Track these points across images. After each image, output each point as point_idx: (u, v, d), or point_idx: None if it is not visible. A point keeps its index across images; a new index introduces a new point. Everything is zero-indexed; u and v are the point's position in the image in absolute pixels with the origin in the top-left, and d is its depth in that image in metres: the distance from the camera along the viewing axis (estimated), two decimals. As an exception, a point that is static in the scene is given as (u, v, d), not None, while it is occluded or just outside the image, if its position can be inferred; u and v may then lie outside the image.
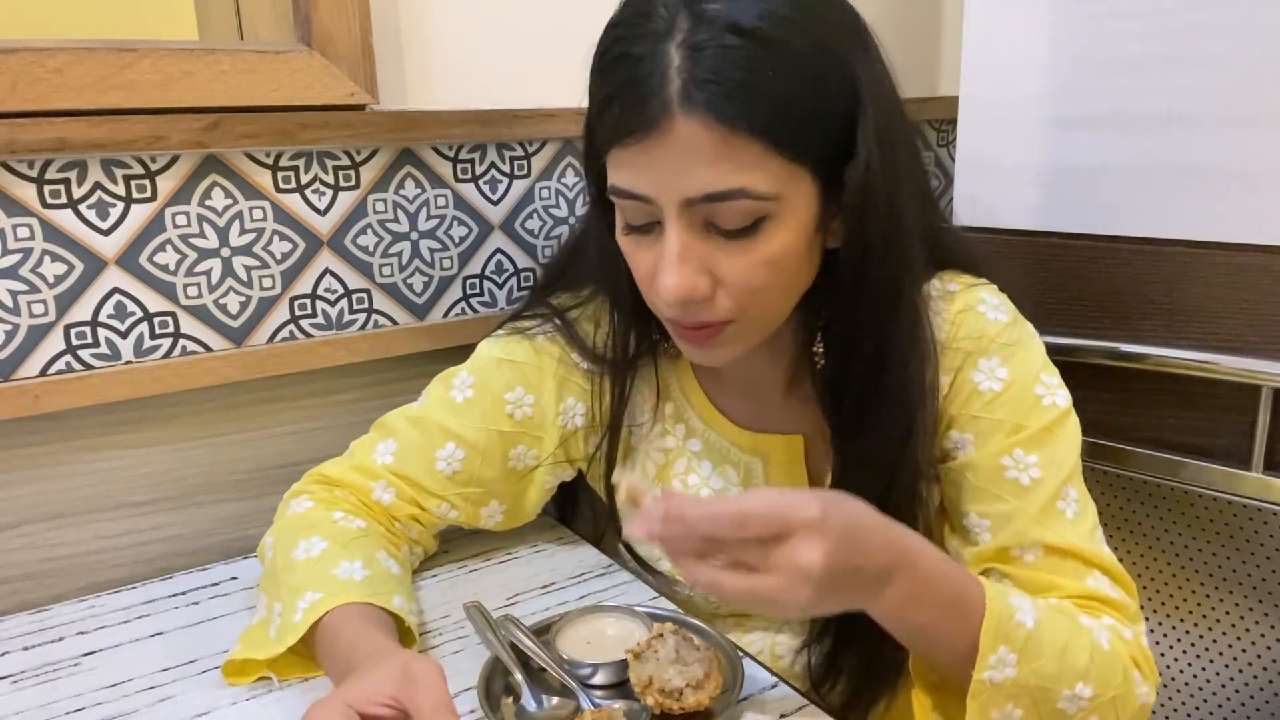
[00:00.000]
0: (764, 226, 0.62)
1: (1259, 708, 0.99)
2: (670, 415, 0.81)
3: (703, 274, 0.63)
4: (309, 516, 0.75)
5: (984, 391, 0.70)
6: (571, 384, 0.79)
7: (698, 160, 0.59)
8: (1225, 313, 0.96)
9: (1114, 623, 0.65)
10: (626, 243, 0.67)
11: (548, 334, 0.80)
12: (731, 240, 0.62)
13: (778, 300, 0.67)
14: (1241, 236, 0.93)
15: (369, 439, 0.80)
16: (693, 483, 0.79)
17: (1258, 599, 0.97)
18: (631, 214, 0.65)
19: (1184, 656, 1.03)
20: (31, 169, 0.77)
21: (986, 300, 0.73)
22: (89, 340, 0.82)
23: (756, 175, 0.60)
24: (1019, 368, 0.70)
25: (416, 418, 0.79)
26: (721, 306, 0.64)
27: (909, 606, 0.58)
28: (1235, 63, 0.90)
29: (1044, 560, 0.67)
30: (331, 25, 0.86)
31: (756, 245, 0.62)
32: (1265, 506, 0.95)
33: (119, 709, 0.66)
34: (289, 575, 0.69)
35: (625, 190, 0.63)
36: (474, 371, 0.80)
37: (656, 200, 0.62)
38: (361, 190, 0.92)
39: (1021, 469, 0.68)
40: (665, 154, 0.60)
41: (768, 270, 0.63)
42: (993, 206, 1.10)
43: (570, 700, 0.64)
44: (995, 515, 0.69)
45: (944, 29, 1.38)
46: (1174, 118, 0.94)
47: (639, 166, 0.62)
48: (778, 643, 0.80)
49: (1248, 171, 0.91)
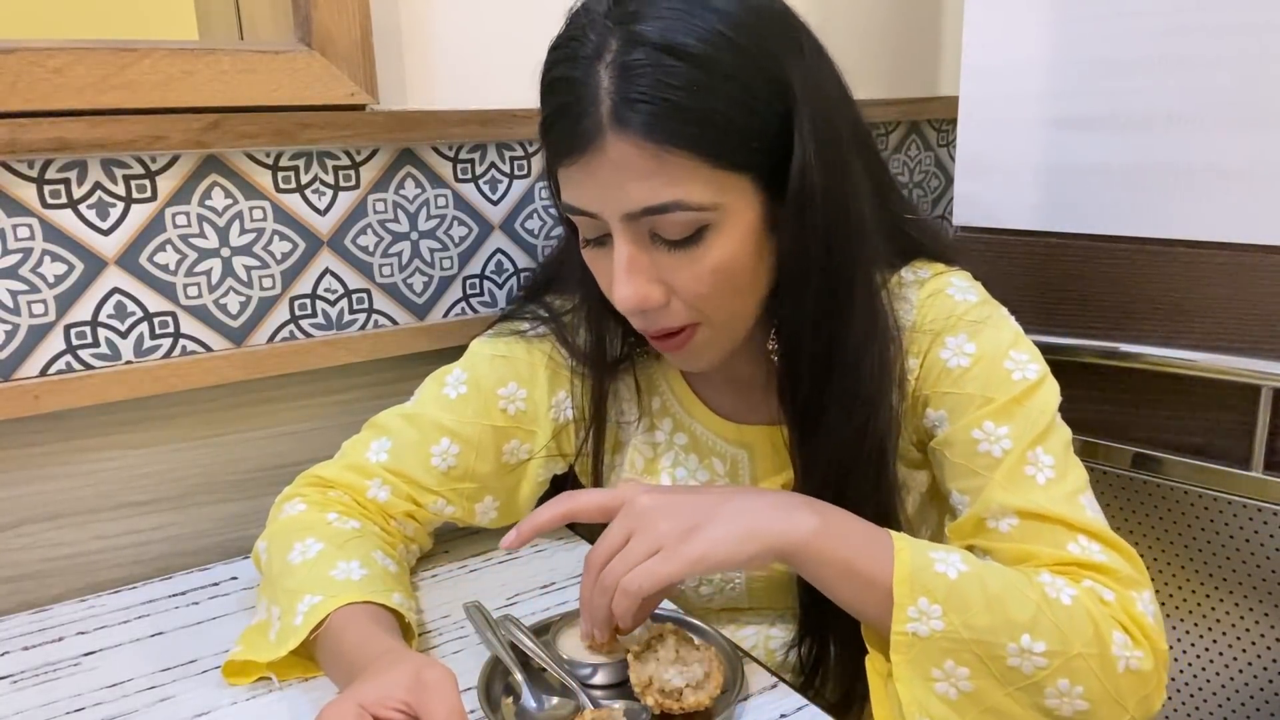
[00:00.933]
0: (706, 236, 0.64)
1: (1259, 708, 0.99)
2: (658, 410, 0.82)
3: (655, 283, 0.65)
4: (303, 519, 0.75)
5: (953, 368, 0.70)
6: (562, 378, 0.81)
7: (632, 176, 0.61)
8: (1225, 313, 0.96)
9: (1093, 585, 0.62)
10: (587, 254, 0.70)
11: (539, 332, 0.81)
12: (677, 250, 0.64)
13: (736, 303, 0.68)
14: (1241, 236, 0.93)
15: (362, 438, 0.80)
16: (680, 476, 0.81)
17: (1258, 599, 0.97)
18: (585, 228, 0.68)
19: (1184, 656, 1.03)
20: (31, 169, 0.77)
21: (955, 284, 0.74)
22: (89, 340, 0.82)
23: (691, 188, 0.62)
24: (987, 343, 0.70)
25: (411, 415, 0.79)
26: (678, 313, 0.67)
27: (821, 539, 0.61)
28: (1235, 63, 0.90)
29: (1021, 527, 0.66)
30: (331, 25, 0.86)
31: (702, 254, 0.64)
32: (1265, 506, 0.95)
33: (119, 709, 0.66)
34: (286, 579, 0.69)
35: (572, 206, 0.66)
36: (467, 368, 0.81)
37: (601, 215, 0.64)
38: (361, 190, 0.92)
39: (993, 441, 0.68)
40: (601, 172, 0.62)
41: (715, 277, 0.65)
42: (993, 206, 1.10)
43: (570, 700, 0.64)
44: (971, 489, 0.69)
45: (944, 29, 1.38)
46: (1174, 118, 0.94)
47: (581, 184, 0.64)
48: (771, 636, 0.80)
49: (1248, 171, 0.91)
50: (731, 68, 0.61)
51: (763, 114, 0.63)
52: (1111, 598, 0.62)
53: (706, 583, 0.81)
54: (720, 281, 0.65)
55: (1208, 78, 0.91)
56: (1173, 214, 0.97)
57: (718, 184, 0.62)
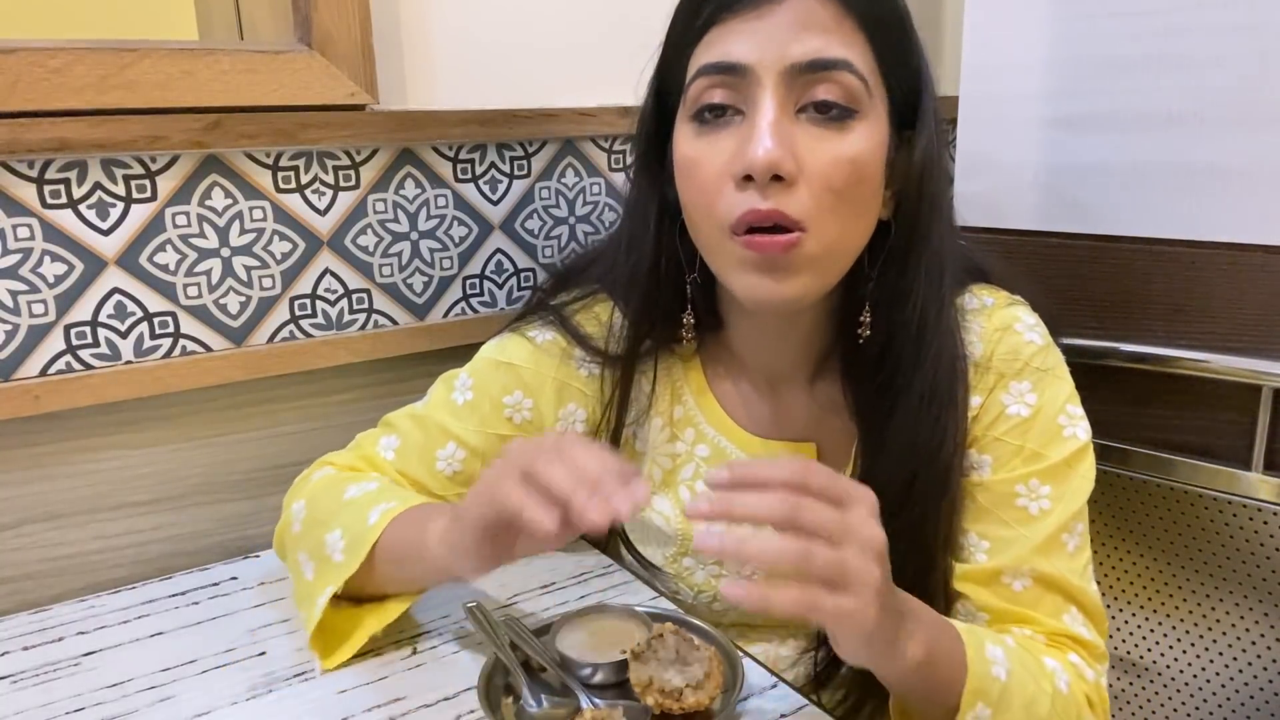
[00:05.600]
0: (853, 123, 0.62)
1: (1259, 708, 0.99)
2: (679, 419, 0.79)
3: (790, 154, 0.61)
4: (343, 474, 0.76)
5: (1011, 415, 0.69)
6: (572, 389, 0.78)
7: (808, 27, 0.61)
8: (1225, 313, 0.96)
9: (1078, 661, 0.66)
10: (694, 145, 0.65)
11: (549, 337, 0.78)
12: (821, 127, 0.62)
13: (849, 222, 0.64)
14: (1241, 236, 0.93)
15: (374, 433, 0.80)
16: (700, 489, 0.78)
17: (1258, 599, 0.97)
18: (714, 96, 0.63)
19: (1184, 656, 1.03)
20: (31, 169, 0.77)
21: (1024, 320, 0.72)
22: (89, 340, 0.82)
23: (860, 59, 0.62)
24: (1048, 395, 0.69)
25: (419, 416, 0.79)
26: (799, 203, 0.62)
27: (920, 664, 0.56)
28: (1235, 63, 0.89)
29: (1030, 590, 0.67)
30: (331, 25, 0.86)
31: (845, 138, 0.62)
32: (1265, 506, 0.95)
33: (119, 709, 0.66)
34: (346, 509, 0.70)
35: (720, 64, 0.62)
36: (473, 374, 0.79)
37: (756, 68, 0.61)
38: (361, 190, 0.92)
39: (1033, 498, 0.68)
40: (775, 18, 0.61)
41: (849, 170, 0.62)
42: (992, 206, 1.10)
43: (570, 700, 0.64)
44: (996, 538, 0.68)
45: (944, 29, 1.38)
46: (1174, 118, 0.94)
47: (743, 34, 0.62)
48: (781, 656, 0.79)
49: (1248, 171, 0.91)
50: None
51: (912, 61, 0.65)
52: (1091, 676, 0.66)
53: (719, 598, 0.78)
54: (851, 180, 0.62)
55: (1208, 78, 0.91)
56: (1173, 214, 0.96)
57: (873, 79, 0.63)
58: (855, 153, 0.62)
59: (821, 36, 0.61)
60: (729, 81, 0.63)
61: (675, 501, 0.78)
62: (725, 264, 0.66)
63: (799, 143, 0.62)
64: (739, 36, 0.62)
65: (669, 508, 0.78)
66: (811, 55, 0.61)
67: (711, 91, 0.64)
